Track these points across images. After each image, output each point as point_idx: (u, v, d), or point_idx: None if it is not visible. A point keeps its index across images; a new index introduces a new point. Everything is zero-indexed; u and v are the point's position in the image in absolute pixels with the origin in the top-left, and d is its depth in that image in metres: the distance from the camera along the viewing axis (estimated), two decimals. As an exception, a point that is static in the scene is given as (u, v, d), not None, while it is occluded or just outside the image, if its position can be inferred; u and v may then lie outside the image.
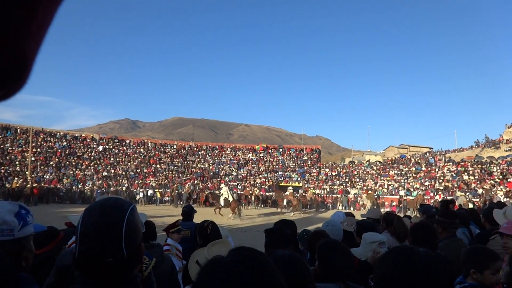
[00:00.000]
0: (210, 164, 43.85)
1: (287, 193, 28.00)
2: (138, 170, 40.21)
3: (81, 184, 34.77)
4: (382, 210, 21.96)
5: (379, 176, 37.17)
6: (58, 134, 42.72)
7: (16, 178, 30.93)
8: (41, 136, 40.57)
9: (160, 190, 34.24)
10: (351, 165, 42.57)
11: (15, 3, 0.34)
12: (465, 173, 33.00)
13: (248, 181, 39.25)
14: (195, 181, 38.38)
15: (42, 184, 31.19)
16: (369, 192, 32.22)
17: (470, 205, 22.09)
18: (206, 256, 2.20)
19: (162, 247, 2.98)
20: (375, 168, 39.69)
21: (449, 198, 22.89)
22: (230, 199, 22.21)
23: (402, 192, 32.24)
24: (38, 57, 0.40)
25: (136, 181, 37.74)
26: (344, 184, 36.78)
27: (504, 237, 2.97)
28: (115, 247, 1.20)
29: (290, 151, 47.01)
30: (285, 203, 26.55)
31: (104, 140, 44.64)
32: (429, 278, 1.19)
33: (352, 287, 2.05)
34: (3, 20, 0.34)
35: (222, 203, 22.38)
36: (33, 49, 0.38)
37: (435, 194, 30.06)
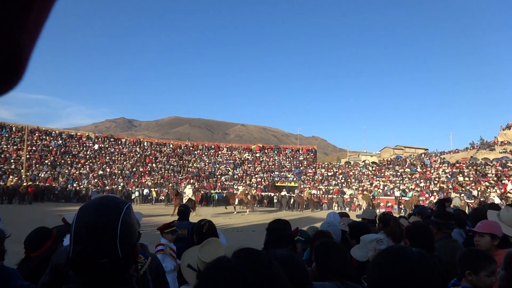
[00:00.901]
0: (206, 163, 43.82)
1: (238, 192, 27.91)
2: (134, 169, 40.12)
3: (77, 182, 34.65)
4: (377, 210, 22.04)
5: (374, 177, 37.28)
6: (53, 132, 42.50)
7: (11, 176, 30.74)
8: (37, 135, 40.34)
9: (156, 189, 34.18)
10: (347, 166, 42.66)
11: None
12: (460, 175, 33.16)
13: (244, 181, 39.27)
14: (191, 181, 38.33)
15: (37, 183, 31.05)
16: (365, 192, 32.30)
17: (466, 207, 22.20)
18: (198, 256, 2.18)
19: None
20: (370, 168, 39.80)
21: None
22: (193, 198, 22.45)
23: (397, 193, 32.35)
24: (33, 54, 0.39)
25: (132, 180, 37.66)
26: (339, 184, 36.86)
27: (476, 235, 3.19)
28: (110, 247, 1.19)
29: (286, 151, 47.07)
30: (236, 202, 26.07)
31: (100, 139, 44.46)
32: (422, 278, 1.18)
33: (349, 286, 2.05)
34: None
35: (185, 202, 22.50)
36: (29, 45, 0.38)
37: (430, 195, 30.18)
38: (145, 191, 33.64)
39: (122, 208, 1.26)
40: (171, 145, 47.35)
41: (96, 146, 42.26)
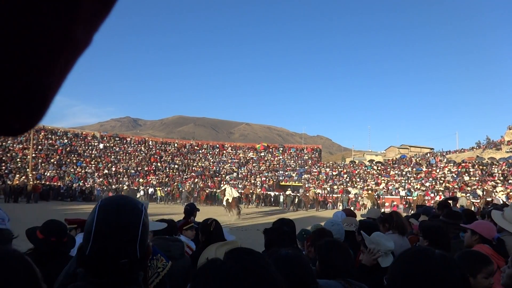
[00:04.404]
0: (211, 162, 43.92)
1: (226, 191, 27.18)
2: (139, 168, 40.28)
3: (82, 181, 34.86)
4: (382, 210, 21.95)
5: (379, 176, 37.19)
6: (59, 131, 42.82)
7: (17, 175, 31.01)
8: (42, 134, 40.64)
9: (160, 188, 34.31)
10: (351, 165, 42.59)
11: (47, 41, 0.35)
12: (466, 174, 33.01)
13: (248, 180, 39.31)
14: (196, 180, 38.44)
15: (43, 181, 31.28)
16: (370, 192, 32.23)
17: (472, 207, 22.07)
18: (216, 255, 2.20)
19: (184, 244, 2.99)
20: (375, 168, 39.71)
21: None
22: (230, 199, 22.15)
23: (402, 193, 32.26)
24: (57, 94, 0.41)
25: (137, 179, 37.83)
26: (344, 184, 36.81)
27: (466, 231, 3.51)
28: (130, 247, 1.20)
29: (291, 151, 47.06)
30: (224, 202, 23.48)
31: (105, 138, 44.73)
32: (443, 281, 1.18)
33: (353, 284, 2.06)
34: (30, 58, 0.35)
35: (224, 203, 22.40)
36: (54, 87, 0.39)
37: (436, 194, 30.06)
38: (150, 190, 33.80)
39: (141, 209, 1.28)
40: (176, 144, 47.51)
41: (101, 145, 42.50)
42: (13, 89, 0.35)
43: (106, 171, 38.36)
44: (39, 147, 38.37)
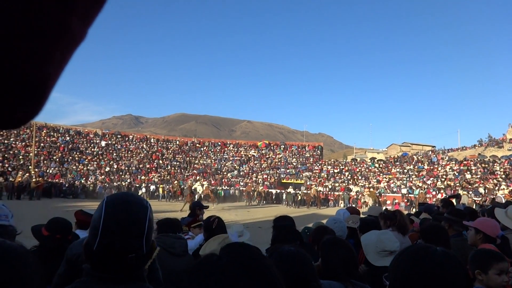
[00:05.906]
0: (213, 160, 43.92)
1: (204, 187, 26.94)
2: (141, 166, 40.32)
3: (84, 179, 34.94)
4: (383, 208, 21.94)
5: (381, 174, 37.13)
6: (61, 129, 42.84)
7: (20, 172, 31.06)
8: (45, 131, 40.68)
9: (162, 185, 34.35)
10: (353, 163, 42.53)
11: (43, 31, 0.36)
12: (468, 172, 32.93)
13: (250, 178, 39.32)
14: (197, 177, 38.46)
15: (45, 179, 31.34)
16: (371, 189, 32.17)
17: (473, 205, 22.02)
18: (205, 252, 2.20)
19: (186, 241, 3.03)
20: (377, 165, 39.64)
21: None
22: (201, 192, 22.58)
23: (404, 190, 32.20)
24: (57, 84, 0.41)
25: (139, 176, 37.89)
26: (346, 181, 36.76)
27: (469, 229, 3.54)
28: (137, 243, 1.23)
29: (293, 148, 47.00)
30: (196, 198, 22.74)
31: (107, 136, 44.74)
32: (444, 279, 1.17)
33: (356, 285, 2.05)
34: (28, 47, 0.35)
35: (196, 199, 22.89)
36: (53, 76, 0.40)
37: (437, 192, 30.01)
38: (152, 187, 33.85)
39: (147, 206, 1.31)
40: (177, 142, 47.52)
41: (103, 143, 42.53)
42: (12, 77, 0.36)
43: (108, 168, 38.42)
44: (42, 144, 38.41)
